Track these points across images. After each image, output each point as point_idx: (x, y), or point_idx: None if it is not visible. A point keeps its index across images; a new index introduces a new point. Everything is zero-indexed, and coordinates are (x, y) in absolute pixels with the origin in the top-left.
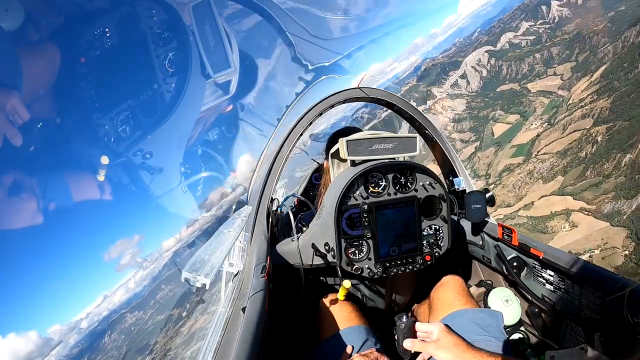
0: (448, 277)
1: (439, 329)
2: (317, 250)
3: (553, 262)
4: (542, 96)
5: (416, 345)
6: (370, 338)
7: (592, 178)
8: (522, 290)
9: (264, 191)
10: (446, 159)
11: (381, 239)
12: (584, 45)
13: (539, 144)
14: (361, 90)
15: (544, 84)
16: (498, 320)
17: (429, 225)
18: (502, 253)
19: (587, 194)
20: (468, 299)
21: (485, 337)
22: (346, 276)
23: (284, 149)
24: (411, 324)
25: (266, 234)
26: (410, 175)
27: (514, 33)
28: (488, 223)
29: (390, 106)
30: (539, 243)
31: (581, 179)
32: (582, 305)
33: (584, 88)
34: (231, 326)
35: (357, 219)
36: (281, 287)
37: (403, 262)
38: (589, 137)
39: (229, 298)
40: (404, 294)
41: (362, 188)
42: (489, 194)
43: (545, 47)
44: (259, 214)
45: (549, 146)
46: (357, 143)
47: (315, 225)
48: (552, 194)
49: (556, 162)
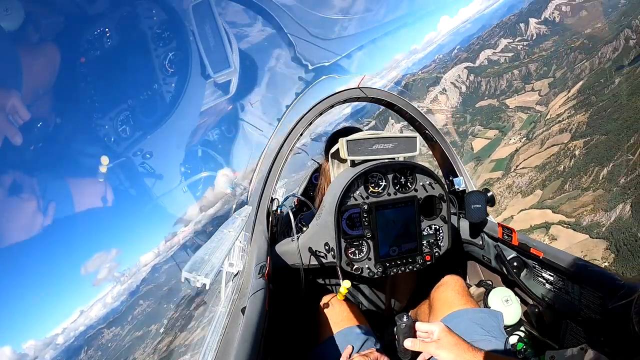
0: (448, 277)
1: (440, 328)
2: (317, 250)
3: (553, 262)
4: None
5: (417, 344)
6: (370, 338)
7: (570, 191)
8: (522, 290)
9: (264, 191)
10: (446, 159)
11: (381, 239)
12: (561, 62)
13: (518, 159)
14: (361, 90)
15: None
16: (498, 320)
17: (429, 225)
18: (502, 253)
19: (566, 207)
20: (468, 299)
21: (486, 337)
22: (346, 276)
23: (284, 149)
24: (412, 323)
25: (266, 234)
26: (410, 175)
27: (493, 50)
28: (488, 223)
29: (390, 106)
30: (539, 243)
31: (560, 192)
32: (582, 305)
33: (561, 103)
34: (231, 326)
35: (357, 219)
36: (281, 287)
37: (403, 262)
38: (567, 151)
39: (229, 298)
40: (403, 294)
41: (362, 188)
42: (489, 194)
43: (524, 63)
44: (259, 214)
45: (528, 160)
46: (357, 143)
47: (315, 225)
48: (531, 207)
49: (535, 176)
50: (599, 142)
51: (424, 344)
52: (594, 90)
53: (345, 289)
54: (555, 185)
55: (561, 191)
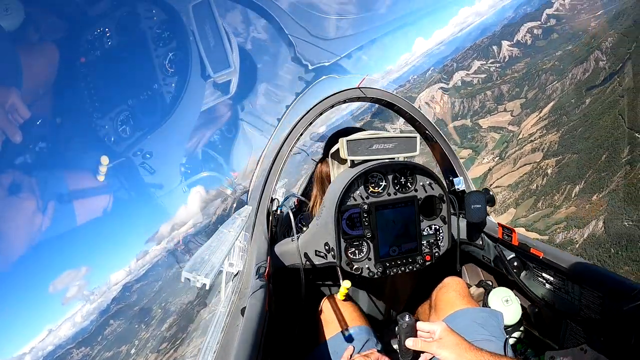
0: (449, 278)
1: (442, 328)
2: (317, 250)
3: (553, 262)
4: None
5: (418, 344)
6: (371, 338)
7: (543, 209)
8: (522, 290)
9: (264, 191)
10: (446, 159)
11: (381, 239)
12: (533, 83)
13: (491, 178)
14: (360, 90)
15: (495, 120)
16: (499, 320)
17: (429, 225)
18: (502, 253)
19: (539, 225)
20: (469, 300)
21: (486, 337)
22: (346, 276)
23: (283, 149)
24: (414, 323)
25: (266, 234)
26: (410, 176)
27: (466, 71)
28: (488, 223)
29: (390, 106)
30: (539, 243)
31: (533, 210)
32: (582, 305)
33: (533, 123)
34: (231, 326)
35: (357, 219)
36: (281, 287)
37: (403, 262)
38: (539, 170)
39: (229, 298)
40: (404, 294)
41: (362, 188)
42: (489, 194)
43: (496, 84)
44: (259, 214)
45: (501, 179)
46: (357, 143)
47: (315, 225)
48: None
49: (508, 195)
50: (570, 161)
51: (425, 343)
52: (565, 111)
53: (345, 289)
54: (529, 203)
55: (534, 209)
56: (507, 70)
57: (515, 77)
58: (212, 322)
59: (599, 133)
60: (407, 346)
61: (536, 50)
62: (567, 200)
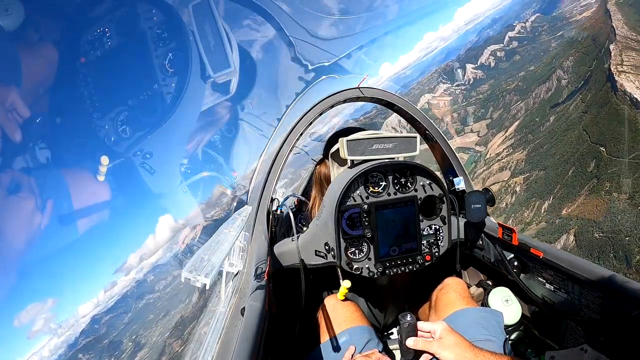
0: (450, 279)
1: (442, 327)
2: (317, 250)
3: (553, 262)
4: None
5: (419, 343)
6: (372, 339)
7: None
8: (522, 290)
9: (264, 191)
10: (446, 159)
11: (381, 239)
12: (497, 104)
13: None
14: (360, 90)
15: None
16: (499, 320)
17: (429, 225)
18: (502, 253)
19: None
20: (470, 300)
21: (487, 337)
22: (346, 276)
23: (283, 149)
24: (415, 323)
25: (266, 234)
26: (410, 175)
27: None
28: (488, 223)
29: (390, 106)
30: (539, 243)
31: None
32: (582, 305)
33: (499, 143)
34: (231, 326)
35: (357, 219)
36: (281, 287)
37: (403, 262)
38: (507, 188)
39: (229, 298)
40: (404, 294)
41: (362, 188)
42: (489, 194)
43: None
44: (259, 213)
45: None
46: (357, 143)
47: (315, 225)
48: None
49: None
50: (538, 178)
51: (426, 342)
52: (530, 129)
53: (345, 289)
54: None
55: None
56: (472, 92)
57: (480, 99)
58: (212, 322)
59: (564, 149)
60: (408, 345)
61: (500, 72)
62: (537, 216)
